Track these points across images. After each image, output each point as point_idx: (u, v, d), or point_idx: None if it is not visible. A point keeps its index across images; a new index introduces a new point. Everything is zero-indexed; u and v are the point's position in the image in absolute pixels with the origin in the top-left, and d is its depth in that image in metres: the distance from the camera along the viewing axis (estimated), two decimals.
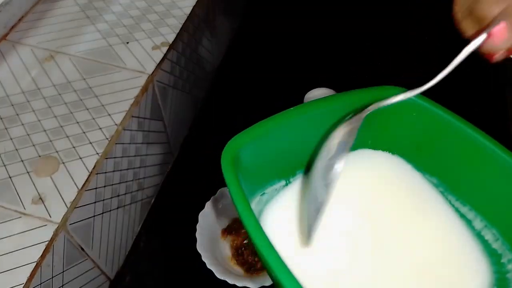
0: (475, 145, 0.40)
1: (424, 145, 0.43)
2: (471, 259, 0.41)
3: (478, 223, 0.42)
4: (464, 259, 0.41)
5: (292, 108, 0.40)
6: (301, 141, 0.42)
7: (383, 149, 0.46)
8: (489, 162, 0.39)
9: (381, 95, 0.41)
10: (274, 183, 0.43)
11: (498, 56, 0.39)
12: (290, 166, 0.44)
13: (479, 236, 0.42)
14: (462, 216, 0.43)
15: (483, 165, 0.40)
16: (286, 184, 0.44)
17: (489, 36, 0.37)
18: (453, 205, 0.43)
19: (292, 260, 0.38)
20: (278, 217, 0.43)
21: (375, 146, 0.46)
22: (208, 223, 0.72)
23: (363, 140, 0.45)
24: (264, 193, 0.43)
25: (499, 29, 0.36)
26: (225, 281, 0.65)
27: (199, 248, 0.68)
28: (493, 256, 0.40)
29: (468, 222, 0.42)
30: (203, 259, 0.67)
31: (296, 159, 0.44)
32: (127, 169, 0.68)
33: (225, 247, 0.72)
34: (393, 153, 0.46)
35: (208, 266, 0.66)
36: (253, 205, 0.41)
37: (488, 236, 0.41)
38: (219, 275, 0.66)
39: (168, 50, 0.73)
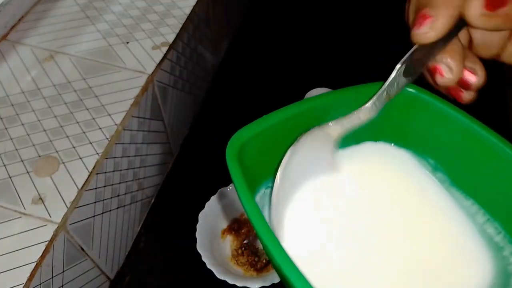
0: (479, 139, 0.40)
1: (428, 139, 0.43)
2: (474, 252, 0.41)
3: (481, 217, 0.42)
4: (468, 252, 0.41)
5: (299, 102, 0.41)
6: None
7: (386, 142, 0.46)
8: (493, 156, 0.39)
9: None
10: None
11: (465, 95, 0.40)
12: None
13: (481, 229, 0.41)
14: (465, 209, 0.43)
15: (487, 159, 0.40)
16: None
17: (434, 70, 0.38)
18: (456, 199, 0.43)
19: (298, 256, 0.38)
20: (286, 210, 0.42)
21: (377, 139, 0.46)
22: (208, 223, 0.72)
23: (364, 133, 0.44)
24: (268, 186, 0.42)
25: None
26: (225, 281, 0.65)
27: (199, 248, 0.68)
28: (495, 249, 0.40)
29: (471, 216, 0.42)
30: (203, 259, 0.67)
31: None
32: (127, 169, 0.67)
33: (225, 247, 0.72)
34: (396, 145, 0.46)
35: (208, 266, 0.66)
36: (258, 199, 0.41)
37: (491, 229, 0.41)
38: (219, 275, 0.66)
39: (168, 50, 0.73)
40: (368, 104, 0.40)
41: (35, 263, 0.52)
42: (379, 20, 1.00)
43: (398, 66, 0.38)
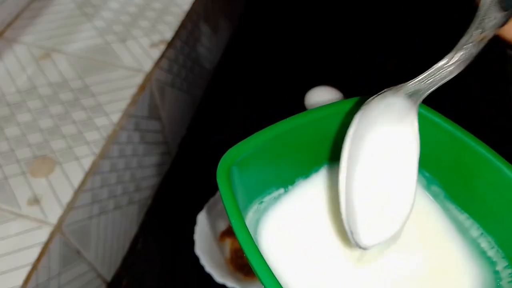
0: (475, 154, 0.40)
1: (424, 152, 0.43)
2: (466, 266, 0.41)
3: (475, 231, 0.42)
4: (460, 266, 0.41)
5: (290, 118, 0.40)
6: (300, 150, 0.42)
7: None
8: (488, 172, 0.39)
9: None
10: (272, 191, 0.43)
11: None
12: (289, 174, 0.44)
13: (474, 244, 0.42)
14: (459, 224, 0.43)
15: (483, 174, 0.40)
16: (285, 192, 0.44)
17: None
18: (450, 212, 0.43)
19: (286, 272, 0.39)
20: (276, 226, 0.42)
21: None
22: (206, 225, 0.72)
23: None
24: (262, 201, 0.42)
25: None
26: (224, 285, 0.65)
27: (198, 250, 0.68)
28: (488, 264, 0.41)
29: (465, 230, 0.42)
30: (202, 262, 0.67)
31: (295, 167, 0.43)
32: (124, 169, 0.67)
33: (224, 250, 0.72)
34: None
35: (207, 269, 0.66)
36: (251, 214, 0.41)
37: (484, 244, 0.41)
38: (218, 278, 0.65)
39: (166, 48, 0.72)
40: (457, 48, 0.35)
41: (31, 265, 0.52)
42: (379, 20, 1.00)
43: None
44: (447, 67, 0.35)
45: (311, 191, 0.43)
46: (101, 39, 0.73)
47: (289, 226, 0.42)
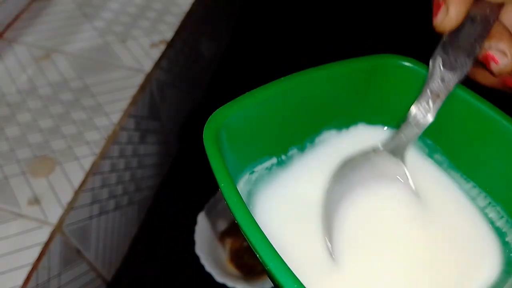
0: (481, 117, 0.38)
1: None
2: (480, 239, 0.39)
3: (482, 201, 0.40)
4: (474, 239, 0.39)
5: (283, 78, 0.38)
6: (295, 115, 0.40)
7: (382, 124, 0.44)
8: (496, 136, 0.37)
9: (384, 63, 0.40)
10: (264, 160, 0.40)
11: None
12: (282, 141, 0.41)
13: (483, 213, 0.40)
14: (465, 193, 0.41)
15: (490, 139, 0.38)
16: (278, 162, 0.41)
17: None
18: (456, 181, 0.41)
19: (285, 247, 0.36)
20: (271, 200, 0.40)
21: (373, 121, 0.44)
22: (207, 225, 0.72)
23: (358, 114, 0.43)
24: (253, 171, 0.39)
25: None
26: (224, 284, 0.65)
27: (198, 250, 0.68)
28: (497, 235, 0.39)
29: (471, 200, 0.40)
30: (202, 261, 0.67)
31: (289, 134, 0.41)
32: (124, 169, 0.67)
33: (224, 250, 0.72)
34: (393, 128, 0.44)
35: (207, 269, 0.66)
36: (241, 185, 0.38)
37: (492, 214, 0.39)
38: (218, 278, 0.65)
39: (166, 48, 0.72)
40: (413, 111, 0.37)
41: (31, 265, 0.51)
42: (380, 19, 1.00)
43: (430, 61, 0.36)
44: (409, 131, 0.38)
45: (307, 166, 0.42)
46: (101, 39, 0.73)
47: (283, 200, 0.40)
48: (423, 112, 0.37)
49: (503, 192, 0.39)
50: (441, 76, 0.36)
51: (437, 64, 0.36)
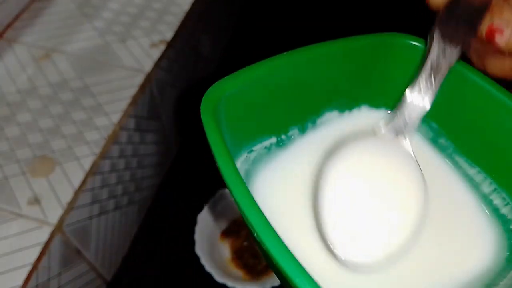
0: (489, 98, 0.36)
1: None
2: (479, 225, 0.38)
3: (487, 187, 0.39)
4: (472, 225, 0.38)
5: (285, 53, 0.36)
6: (296, 92, 0.38)
7: (386, 107, 0.42)
8: (504, 118, 0.36)
9: (389, 41, 0.38)
10: (263, 139, 0.39)
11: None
12: (283, 120, 0.39)
13: (487, 200, 0.39)
14: (470, 179, 0.40)
15: (497, 121, 0.36)
16: (278, 142, 0.40)
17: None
18: (460, 167, 0.40)
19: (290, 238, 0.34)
20: (270, 180, 0.39)
21: (376, 104, 0.42)
22: (207, 225, 0.72)
23: (361, 96, 0.41)
24: (252, 150, 0.38)
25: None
26: (225, 284, 0.65)
27: (198, 250, 0.68)
28: (502, 222, 0.38)
29: (476, 186, 0.39)
30: (202, 261, 0.67)
31: (290, 113, 0.39)
32: (124, 169, 0.67)
33: (225, 250, 0.72)
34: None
35: (207, 269, 0.66)
36: (239, 164, 0.37)
37: (497, 200, 0.38)
38: (219, 278, 0.65)
39: (166, 48, 0.72)
40: (412, 86, 0.36)
41: (31, 265, 0.51)
42: (380, 19, 1.00)
43: (429, 35, 0.34)
44: (413, 110, 0.36)
45: (307, 147, 0.40)
46: (101, 39, 0.73)
47: (282, 181, 0.39)
48: (424, 89, 0.36)
49: (509, 178, 0.37)
50: (443, 48, 0.35)
51: (437, 37, 0.35)
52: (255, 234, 0.26)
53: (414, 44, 0.38)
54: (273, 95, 0.37)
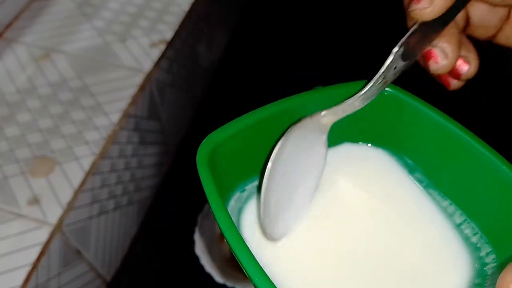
0: (456, 141, 0.40)
1: (406, 139, 0.43)
2: (452, 252, 0.41)
3: (458, 218, 0.42)
4: (446, 252, 0.41)
5: (271, 104, 0.40)
6: (281, 136, 0.41)
7: (364, 142, 0.45)
8: (470, 158, 0.39)
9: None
10: (254, 180, 0.42)
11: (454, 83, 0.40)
12: None
13: (459, 230, 0.42)
14: (443, 210, 0.43)
15: (465, 161, 0.40)
16: None
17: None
18: (434, 199, 0.43)
19: (268, 259, 0.39)
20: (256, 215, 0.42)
21: (355, 140, 0.45)
22: (207, 226, 0.72)
23: (342, 134, 0.44)
24: (244, 189, 0.42)
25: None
26: (225, 285, 0.65)
27: (198, 250, 0.68)
28: (472, 250, 0.41)
29: (449, 216, 0.42)
30: (202, 262, 0.67)
31: None
32: (124, 169, 0.67)
33: (224, 250, 0.72)
34: (374, 146, 0.45)
35: (207, 269, 0.66)
36: (232, 202, 0.40)
37: (467, 230, 0.41)
38: (218, 279, 0.65)
39: (166, 48, 0.72)
40: (364, 90, 0.38)
41: (31, 265, 0.51)
42: (380, 19, 1.00)
43: (395, 49, 0.37)
44: (358, 102, 0.38)
45: None
46: (101, 39, 0.73)
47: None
48: (368, 94, 0.38)
49: (477, 210, 0.41)
50: (396, 64, 0.37)
51: (398, 54, 0.37)
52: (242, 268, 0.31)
53: (386, 90, 0.41)
54: (261, 141, 0.40)
